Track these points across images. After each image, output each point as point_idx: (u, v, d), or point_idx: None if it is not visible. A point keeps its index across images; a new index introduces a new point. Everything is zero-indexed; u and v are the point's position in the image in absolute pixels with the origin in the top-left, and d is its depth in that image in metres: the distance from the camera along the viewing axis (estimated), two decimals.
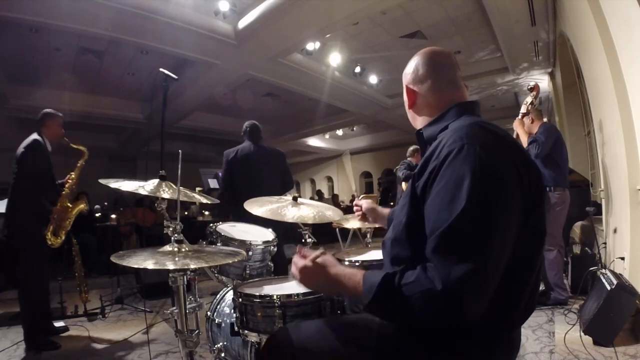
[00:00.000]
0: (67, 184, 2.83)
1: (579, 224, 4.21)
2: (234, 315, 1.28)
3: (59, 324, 2.99)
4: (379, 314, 0.86)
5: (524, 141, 3.03)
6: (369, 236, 1.94)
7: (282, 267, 2.29)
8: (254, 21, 5.25)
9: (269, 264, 1.79)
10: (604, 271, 2.50)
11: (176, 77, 2.22)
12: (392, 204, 7.77)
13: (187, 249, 1.19)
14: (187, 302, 1.23)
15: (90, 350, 2.63)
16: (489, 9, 4.91)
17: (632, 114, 2.46)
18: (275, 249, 1.78)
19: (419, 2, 5.21)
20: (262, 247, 1.70)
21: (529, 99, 3.10)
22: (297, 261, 0.98)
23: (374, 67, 7.54)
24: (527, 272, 0.84)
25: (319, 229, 1.81)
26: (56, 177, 2.81)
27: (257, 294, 1.22)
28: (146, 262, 1.06)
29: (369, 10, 5.02)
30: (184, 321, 1.20)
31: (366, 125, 12.36)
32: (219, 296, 1.77)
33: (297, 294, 1.18)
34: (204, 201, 1.72)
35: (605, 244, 3.31)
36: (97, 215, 6.69)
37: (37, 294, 2.63)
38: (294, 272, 0.98)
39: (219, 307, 1.70)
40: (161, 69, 2.13)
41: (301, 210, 1.59)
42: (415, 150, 4.86)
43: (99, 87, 7.78)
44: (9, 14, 4.44)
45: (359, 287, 0.84)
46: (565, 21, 4.31)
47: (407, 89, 1.05)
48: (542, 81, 7.11)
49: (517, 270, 0.81)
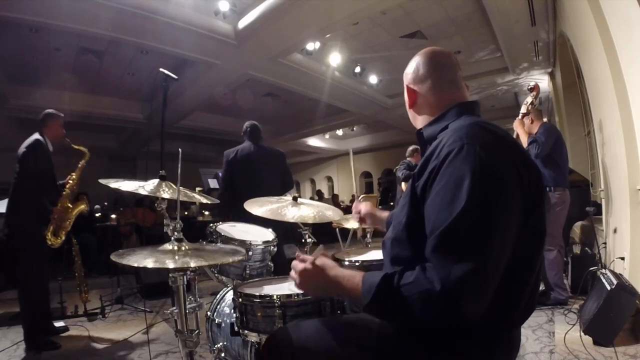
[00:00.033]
0: (68, 185, 2.83)
1: (579, 224, 4.21)
2: (234, 315, 1.28)
3: (59, 324, 2.99)
4: (379, 314, 0.86)
5: (524, 141, 3.03)
6: (369, 236, 1.93)
7: (282, 267, 2.28)
8: (254, 21, 5.25)
9: (269, 264, 1.79)
10: (604, 271, 2.50)
11: (176, 77, 2.23)
12: (392, 204, 7.77)
13: (187, 248, 1.19)
14: (187, 302, 1.23)
15: (90, 350, 2.63)
16: (489, 9, 4.91)
17: (632, 114, 2.46)
18: (275, 249, 1.78)
19: (419, 2, 5.21)
20: (262, 247, 1.70)
21: (529, 99, 3.10)
22: (296, 265, 0.98)
23: (374, 67, 7.54)
24: (527, 272, 0.84)
25: (319, 229, 1.81)
26: (57, 177, 2.81)
27: (257, 294, 1.22)
28: (146, 260, 1.06)
29: (369, 10, 5.02)
30: (184, 321, 1.20)
31: (366, 125, 12.36)
32: (219, 296, 1.77)
33: (297, 294, 1.18)
34: (204, 201, 1.72)
35: (605, 244, 3.31)
36: (97, 215, 6.69)
37: (37, 294, 2.63)
38: (294, 276, 0.98)
39: (219, 307, 1.70)
40: (161, 69, 2.13)
41: (301, 210, 1.59)
42: (414, 150, 4.86)
43: (99, 87, 7.78)
44: (9, 14, 4.44)
45: (358, 288, 0.84)
46: (565, 21, 4.31)
47: (408, 88, 1.05)
48: (542, 81, 7.11)
49: (517, 270, 0.81)
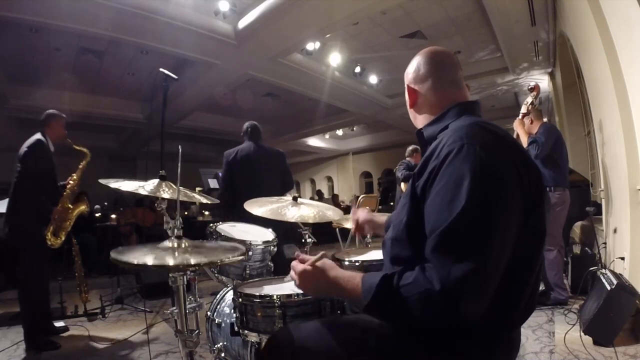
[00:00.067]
0: (69, 185, 2.83)
1: (579, 224, 4.21)
2: (234, 315, 1.28)
3: (59, 324, 2.99)
4: (378, 315, 0.85)
5: (524, 141, 3.03)
6: (369, 236, 1.93)
7: (282, 267, 2.28)
8: (254, 21, 5.25)
9: (269, 264, 1.79)
10: (604, 271, 2.50)
11: (176, 77, 2.22)
12: (392, 204, 7.78)
13: (187, 245, 1.18)
14: (187, 302, 1.22)
15: (90, 350, 2.63)
16: (489, 9, 4.91)
17: (632, 114, 2.46)
18: (275, 249, 1.78)
19: (419, 2, 5.21)
20: (262, 247, 1.70)
21: (530, 99, 3.10)
22: (296, 266, 0.98)
23: (374, 67, 7.54)
24: (527, 272, 0.84)
25: (319, 229, 1.81)
26: (57, 177, 2.81)
27: (257, 294, 1.22)
28: (146, 257, 1.05)
29: (369, 10, 5.02)
30: (184, 321, 1.20)
31: (366, 125, 12.36)
32: (219, 296, 1.77)
33: (297, 294, 1.18)
34: (204, 201, 1.72)
35: (605, 244, 3.31)
36: (97, 215, 6.69)
37: (37, 294, 2.63)
38: (293, 276, 0.98)
39: (219, 307, 1.70)
40: (161, 69, 2.13)
41: (301, 210, 1.59)
42: (414, 150, 4.86)
43: (99, 87, 7.78)
44: (9, 14, 4.44)
45: (358, 289, 0.84)
46: (565, 21, 4.30)
47: (409, 88, 1.05)
48: (542, 81, 7.11)
49: (517, 270, 0.81)
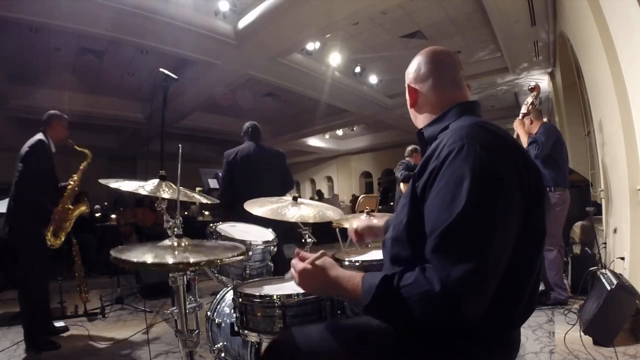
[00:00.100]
0: (70, 186, 2.83)
1: (579, 224, 4.21)
2: (234, 315, 1.28)
3: (59, 324, 2.99)
4: (378, 315, 0.85)
5: (524, 141, 3.03)
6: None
7: (282, 267, 2.28)
8: (254, 21, 5.25)
9: (269, 264, 1.79)
10: (604, 271, 2.50)
11: (176, 77, 2.22)
12: (392, 204, 7.77)
13: (187, 244, 1.18)
14: (187, 302, 1.22)
15: (90, 350, 2.62)
16: (489, 9, 4.91)
17: (632, 114, 2.46)
18: (275, 249, 1.78)
19: (419, 2, 5.21)
20: (262, 247, 1.70)
21: (530, 99, 3.10)
22: (296, 264, 0.97)
23: (374, 67, 7.54)
24: (527, 272, 0.84)
25: (319, 229, 1.81)
26: (58, 178, 2.81)
27: (257, 294, 1.22)
28: (145, 256, 1.05)
29: (369, 10, 5.03)
30: (184, 321, 1.20)
31: (366, 125, 12.37)
32: (219, 296, 1.77)
33: (297, 294, 1.18)
34: (204, 201, 1.72)
35: (605, 244, 3.31)
36: (97, 215, 6.69)
37: (37, 294, 2.63)
38: (293, 274, 0.97)
39: (219, 307, 1.70)
40: (161, 69, 2.12)
41: (301, 210, 1.59)
42: (413, 150, 4.85)
43: (99, 87, 7.79)
44: (9, 14, 4.45)
45: (358, 289, 0.84)
46: (565, 21, 4.30)
47: (409, 87, 1.05)
48: (542, 81, 7.11)
49: (517, 270, 0.81)
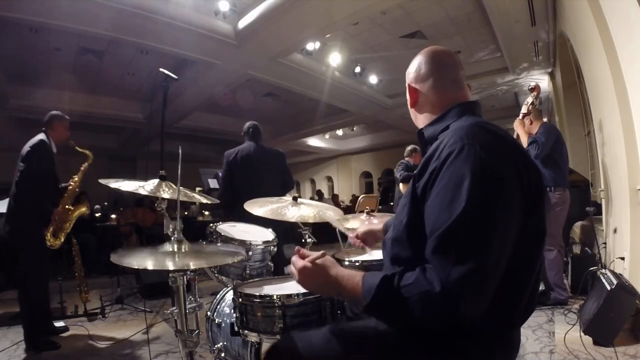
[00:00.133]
0: (70, 187, 2.83)
1: (579, 224, 4.21)
2: (234, 315, 1.28)
3: (59, 324, 2.99)
4: (378, 315, 0.85)
5: (524, 141, 3.02)
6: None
7: (282, 267, 2.29)
8: (254, 21, 5.25)
9: (269, 264, 1.79)
10: (604, 271, 2.50)
11: (176, 77, 2.23)
12: (392, 204, 7.77)
13: (187, 249, 1.19)
14: (187, 302, 1.23)
15: (90, 350, 2.63)
16: (489, 9, 4.91)
17: (632, 114, 2.46)
18: (275, 249, 1.78)
19: (419, 2, 5.21)
20: (262, 247, 1.70)
21: (530, 99, 3.10)
22: (296, 261, 0.97)
23: (374, 67, 7.54)
24: (527, 272, 0.84)
25: (319, 229, 1.81)
26: (59, 178, 2.81)
27: (257, 294, 1.22)
28: (146, 261, 1.05)
29: (369, 10, 5.02)
30: (184, 321, 1.20)
31: (366, 125, 12.36)
32: (219, 296, 1.77)
33: (297, 294, 1.18)
34: (204, 201, 1.72)
35: (605, 244, 3.31)
36: (97, 215, 6.69)
37: (37, 294, 2.63)
38: (293, 271, 0.97)
39: (219, 307, 1.70)
40: (161, 69, 2.13)
41: (301, 210, 1.59)
42: (412, 150, 4.85)
43: (99, 87, 7.78)
44: (9, 14, 4.44)
45: (358, 288, 0.84)
46: (565, 21, 4.30)
47: (410, 87, 1.05)
48: (542, 81, 7.11)
49: (517, 270, 0.81)
